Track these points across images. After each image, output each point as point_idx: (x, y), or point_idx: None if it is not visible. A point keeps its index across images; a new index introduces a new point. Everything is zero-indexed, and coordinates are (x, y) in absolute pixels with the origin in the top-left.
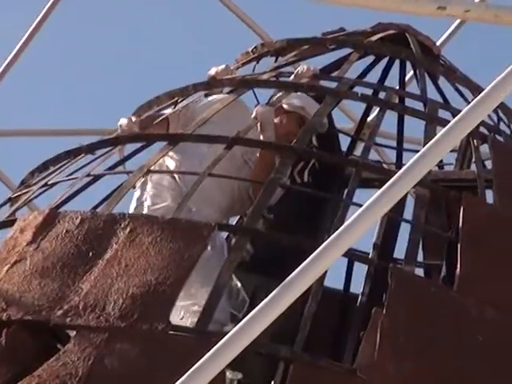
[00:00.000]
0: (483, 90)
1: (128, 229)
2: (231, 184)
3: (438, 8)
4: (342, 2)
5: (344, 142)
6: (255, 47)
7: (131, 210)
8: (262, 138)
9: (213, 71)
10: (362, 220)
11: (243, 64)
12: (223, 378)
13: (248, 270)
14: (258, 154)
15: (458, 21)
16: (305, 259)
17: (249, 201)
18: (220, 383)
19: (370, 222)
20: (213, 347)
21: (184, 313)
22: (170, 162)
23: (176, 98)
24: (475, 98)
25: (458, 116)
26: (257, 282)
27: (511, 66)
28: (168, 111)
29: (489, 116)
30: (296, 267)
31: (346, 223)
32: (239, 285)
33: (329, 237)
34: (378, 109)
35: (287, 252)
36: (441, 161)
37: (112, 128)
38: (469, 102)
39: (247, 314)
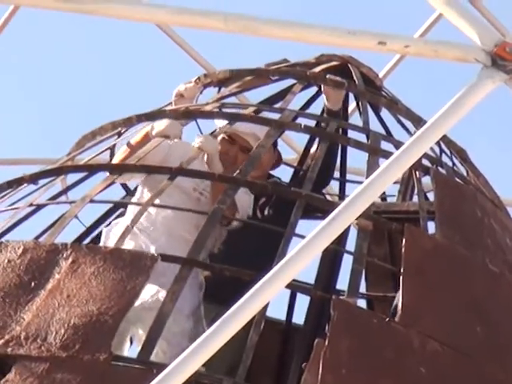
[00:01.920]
0: (426, 122)
1: (70, 259)
2: (192, 219)
3: (378, 43)
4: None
5: (287, 174)
6: (198, 78)
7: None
8: (209, 169)
9: (182, 87)
10: (305, 252)
11: None
12: None
13: (209, 301)
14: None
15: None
16: None
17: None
18: None
19: (313, 253)
20: (155, 378)
21: None
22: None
23: (119, 129)
24: (418, 130)
25: (401, 148)
26: (217, 311)
27: (454, 98)
28: (111, 141)
29: (431, 148)
30: None
31: (288, 255)
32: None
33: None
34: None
35: (242, 283)
36: (383, 192)
37: (55, 157)
38: (411, 134)
39: None
